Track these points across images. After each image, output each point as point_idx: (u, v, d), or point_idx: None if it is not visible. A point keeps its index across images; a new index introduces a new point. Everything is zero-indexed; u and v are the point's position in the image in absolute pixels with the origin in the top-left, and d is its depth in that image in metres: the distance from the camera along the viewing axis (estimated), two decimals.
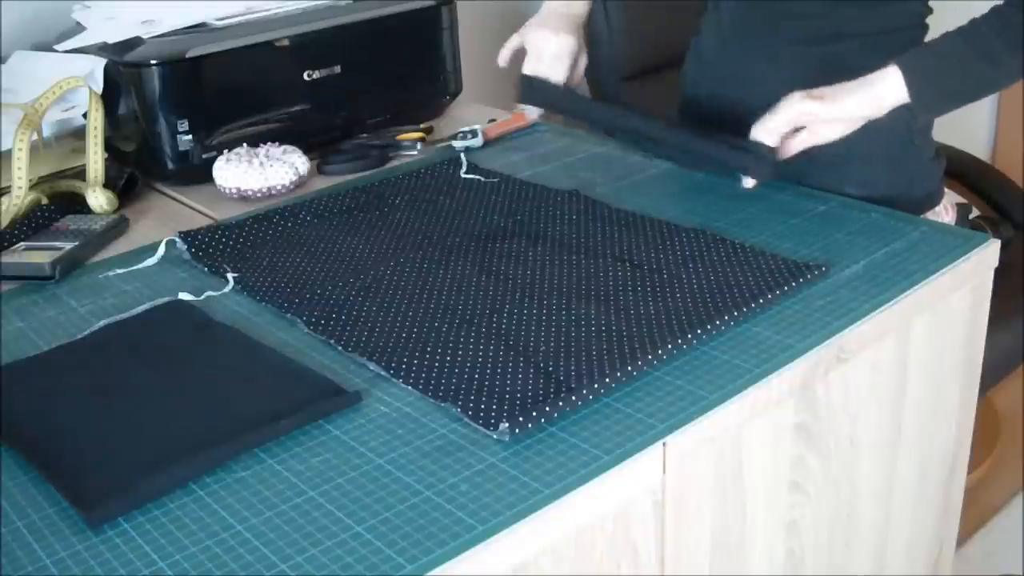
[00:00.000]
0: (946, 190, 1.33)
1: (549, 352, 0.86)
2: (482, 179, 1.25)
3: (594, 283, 0.97)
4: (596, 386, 0.80)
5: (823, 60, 1.15)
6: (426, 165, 1.30)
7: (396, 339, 0.90)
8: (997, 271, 1.07)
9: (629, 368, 0.83)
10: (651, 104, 1.74)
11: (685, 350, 0.87)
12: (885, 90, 1.05)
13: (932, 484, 1.14)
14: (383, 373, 0.85)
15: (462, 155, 1.30)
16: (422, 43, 1.48)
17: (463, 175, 1.26)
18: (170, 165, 1.29)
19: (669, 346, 0.86)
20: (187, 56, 1.26)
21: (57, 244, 1.10)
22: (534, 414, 0.77)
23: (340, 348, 0.89)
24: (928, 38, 1.16)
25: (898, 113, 1.09)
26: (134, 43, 1.30)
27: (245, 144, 1.28)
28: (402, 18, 1.44)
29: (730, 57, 1.26)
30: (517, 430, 0.76)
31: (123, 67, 1.27)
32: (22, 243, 1.13)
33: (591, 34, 1.74)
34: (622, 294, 0.95)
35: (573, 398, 0.79)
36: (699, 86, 1.32)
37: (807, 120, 1.06)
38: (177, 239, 1.11)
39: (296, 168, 1.26)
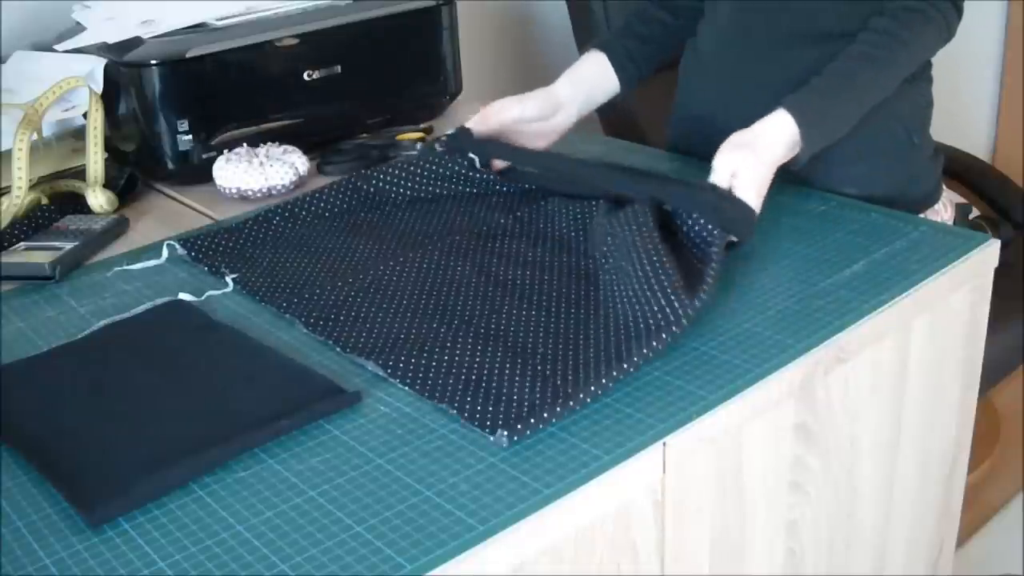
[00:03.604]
0: (946, 189, 1.33)
1: (547, 354, 0.86)
2: (479, 162, 1.22)
3: (592, 283, 0.97)
4: (593, 388, 0.80)
5: (822, 59, 1.15)
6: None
7: (395, 340, 0.89)
8: (997, 271, 1.07)
9: (625, 366, 0.83)
10: (651, 104, 1.74)
11: (682, 351, 0.87)
12: (777, 135, 1.05)
13: (932, 484, 1.14)
14: (381, 373, 0.85)
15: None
16: (422, 43, 1.48)
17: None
18: (170, 165, 1.29)
19: (665, 335, 0.85)
20: (187, 56, 1.26)
21: (57, 244, 1.10)
22: (532, 420, 0.77)
23: (338, 348, 0.89)
24: None
25: (895, 112, 1.10)
26: (134, 43, 1.30)
27: (245, 144, 1.29)
28: (402, 18, 1.44)
29: (727, 57, 1.26)
30: (516, 437, 0.76)
31: (123, 67, 1.27)
32: (22, 243, 1.13)
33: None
34: (622, 294, 0.95)
35: (571, 403, 0.79)
36: (696, 87, 1.32)
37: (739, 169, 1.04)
38: (177, 245, 1.10)
39: (296, 168, 1.27)
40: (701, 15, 1.31)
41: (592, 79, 1.29)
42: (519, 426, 0.76)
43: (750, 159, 1.03)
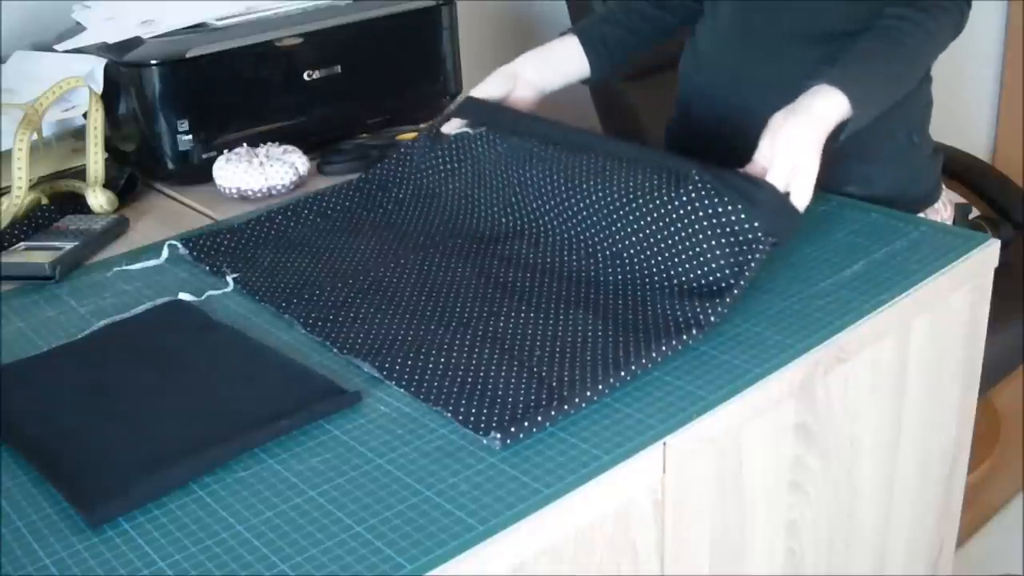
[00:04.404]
0: (945, 189, 1.33)
1: (544, 357, 0.85)
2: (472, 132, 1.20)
3: (592, 287, 0.97)
4: (589, 393, 0.80)
5: (822, 59, 1.15)
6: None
7: (392, 341, 0.89)
8: (997, 271, 1.07)
9: (623, 374, 0.83)
10: (651, 103, 1.74)
11: (682, 351, 0.87)
12: (829, 110, 1.01)
13: (932, 484, 1.14)
14: (376, 375, 0.85)
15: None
16: (422, 43, 1.48)
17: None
18: (170, 165, 1.29)
19: (663, 347, 0.85)
20: (187, 56, 1.26)
21: (57, 244, 1.10)
22: (525, 424, 0.77)
23: (335, 350, 0.89)
24: None
25: (895, 111, 1.09)
26: (134, 43, 1.30)
27: (245, 144, 1.29)
28: (402, 18, 1.44)
29: (728, 57, 1.26)
30: (508, 440, 0.76)
31: (123, 67, 1.27)
32: (22, 243, 1.13)
33: None
34: (620, 296, 0.95)
35: (565, 407, 0.79)
36: (696, 86, 1.32)
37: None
38: (179, 244, 1.10)
39: (296, 168, 1.27)
40: (698, 15, 1.31)
41: (555, 60, 1.29)
42: (512, 429, 0.76)
43: (813, 155, 0.97)
